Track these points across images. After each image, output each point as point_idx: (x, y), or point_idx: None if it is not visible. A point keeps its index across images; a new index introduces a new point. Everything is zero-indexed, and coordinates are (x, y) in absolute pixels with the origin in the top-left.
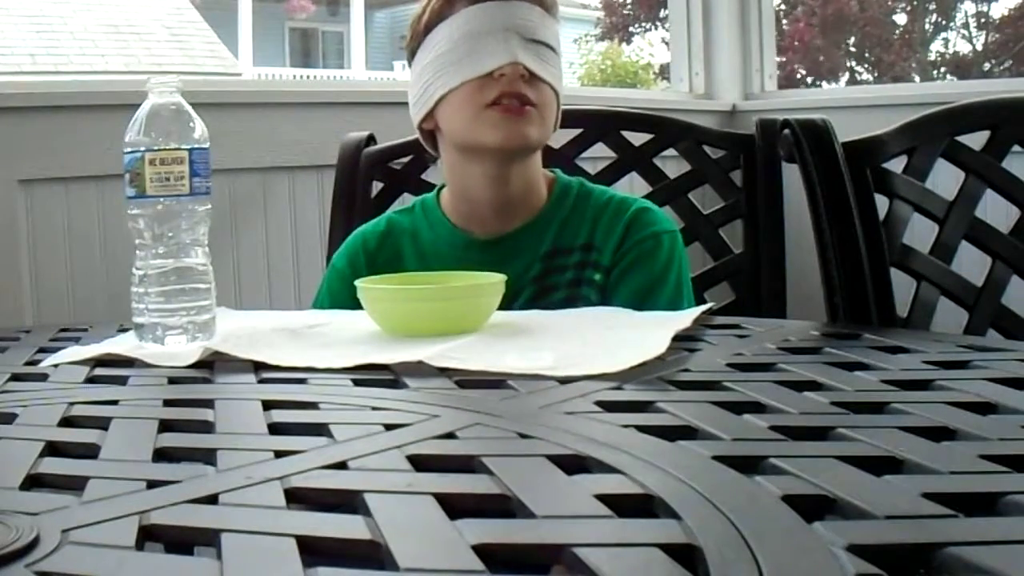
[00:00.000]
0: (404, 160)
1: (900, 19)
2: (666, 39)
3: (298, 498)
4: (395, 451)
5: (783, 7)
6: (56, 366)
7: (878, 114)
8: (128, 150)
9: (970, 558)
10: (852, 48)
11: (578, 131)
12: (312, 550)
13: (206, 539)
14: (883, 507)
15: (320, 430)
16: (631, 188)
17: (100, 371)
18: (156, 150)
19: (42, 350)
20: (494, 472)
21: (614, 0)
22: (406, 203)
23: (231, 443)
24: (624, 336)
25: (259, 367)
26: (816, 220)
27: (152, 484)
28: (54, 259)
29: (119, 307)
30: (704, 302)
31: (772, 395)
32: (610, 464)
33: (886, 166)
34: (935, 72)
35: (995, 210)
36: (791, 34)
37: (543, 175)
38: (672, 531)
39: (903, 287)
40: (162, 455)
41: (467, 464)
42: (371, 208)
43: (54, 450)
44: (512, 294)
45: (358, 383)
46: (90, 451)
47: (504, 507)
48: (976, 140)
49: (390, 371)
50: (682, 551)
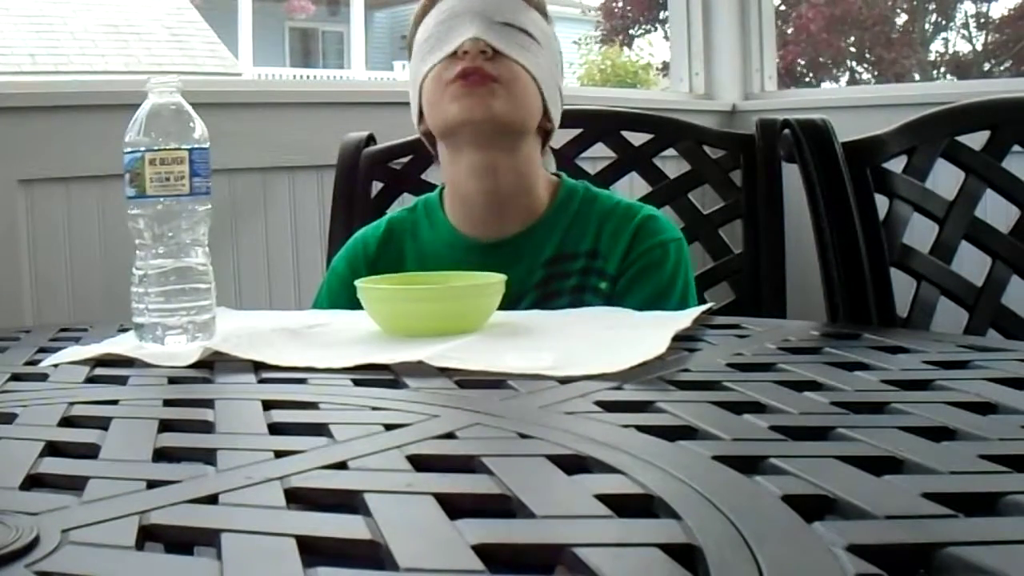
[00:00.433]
0: (404, 160)
1: (900, 19)
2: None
3: (298, 498)
4: (395, 451)
5: (783, 7)
6: (56, 366)
7: (878, 114)
8: (128, 150)
9: (970, 558)
10: (852, 48)
11: (578, 131)
12: (312, 550)
13: (206, 539)
14: (883, 507)
15: (320, 430)
16: (631, 188)
17: (100, 371)
18: (156, 150)
19: (42, 350)
20: (494, 472)
21: (610, 4)
22: (406, 203)
23: (231, 443)
24: (624, 336)
25: (259, 367)
26: (816, 220)
27: (152, 484)
28: (54, 259)
29: (119, 307)
30: (704, 302)
31: (772, 395)
32: (610, 464)
33: (886, 166)
34: (935, 72)
35: (995, 210)
36: (797, 27)
37: (545, 177)
38: (672, 531)
39: (903, 287)
40: (162, 455)
41: (467, 464)
42: (371, 208)
43: (54, 450)
44: (514, 300)
45: (358, 383)
46: (90, 451)
47: (504, 507)
48: (976, 140)
49: (390, 371)
50: (682, 551)
